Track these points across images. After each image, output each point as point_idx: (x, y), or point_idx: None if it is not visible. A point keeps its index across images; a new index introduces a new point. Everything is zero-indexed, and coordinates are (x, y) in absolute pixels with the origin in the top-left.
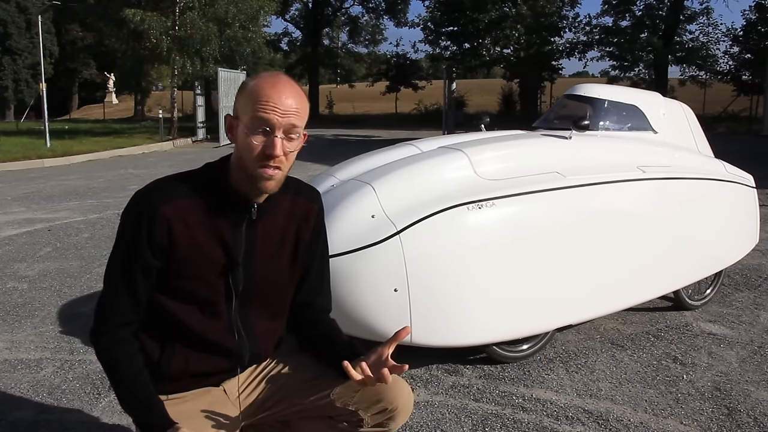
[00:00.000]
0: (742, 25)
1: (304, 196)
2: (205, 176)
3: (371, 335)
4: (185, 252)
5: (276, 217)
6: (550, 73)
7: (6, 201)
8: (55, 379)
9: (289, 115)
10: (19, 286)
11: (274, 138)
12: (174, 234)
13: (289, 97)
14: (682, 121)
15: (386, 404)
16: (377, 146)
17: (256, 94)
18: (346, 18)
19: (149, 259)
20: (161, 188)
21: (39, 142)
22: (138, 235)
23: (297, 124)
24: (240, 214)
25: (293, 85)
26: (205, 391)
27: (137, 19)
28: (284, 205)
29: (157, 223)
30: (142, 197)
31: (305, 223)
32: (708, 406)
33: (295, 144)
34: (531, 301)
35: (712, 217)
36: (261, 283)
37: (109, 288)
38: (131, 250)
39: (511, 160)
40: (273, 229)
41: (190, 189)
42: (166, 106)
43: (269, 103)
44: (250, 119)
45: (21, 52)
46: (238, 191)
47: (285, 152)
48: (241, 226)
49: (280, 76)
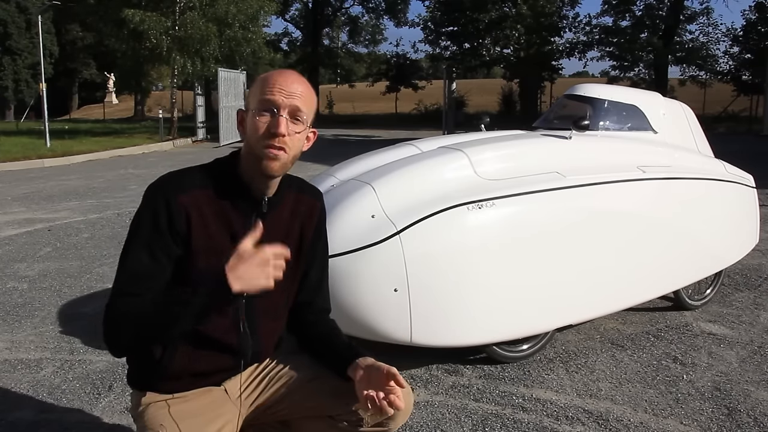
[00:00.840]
0: (742, 25)
1: (307, 194)
2: (217, 170)
3: (371, 335)
4: (200, 243)
5: (282, 212)
6: (550, 73)
7: (6, 201)
8: (55, 379)
9: (294, 97)
10: (19, 286)
11: (279, 117)
12: (192, 223)
13: (295, 82)
14: (682, 121)
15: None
16: (377, 146)
17: (264, 81)
18: (346, 18)
19: (171, 246)
20: (176, 179)
21: (39, 142)
22: (158, 224)
23: (302, 108)
24: (251, 207)
25: (300, 76)
26: (206, 391)
27: (137, 19)
28: (289, 201)
29: (175, 211)
30: (157, 188)
31: (309, 221)
32: (708, 406)
33: (300, 127)
34: (531, 301)
35: (712, 217)
36: None
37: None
38: (151, 238)
39: (511, 160)
40: (279, 225)
41: (203, 181)
42: (166, 106)
43: (275, 86)
44: (257, 103)
45: (21, 52)
46: (249, 185)
47: (289, 133)
48: (251, 220)
49: (288, 69)
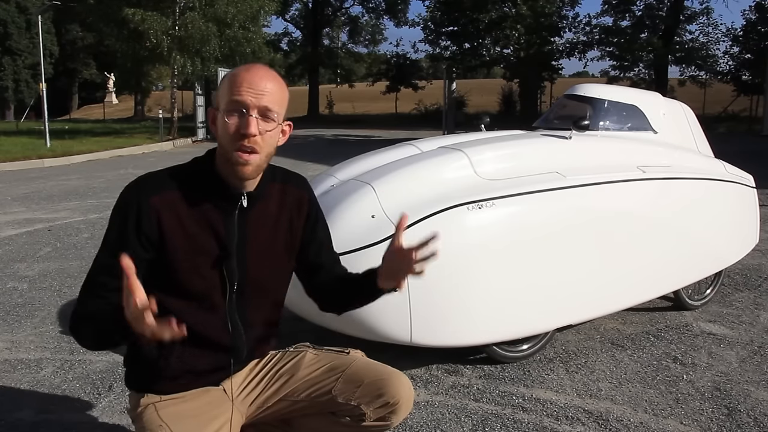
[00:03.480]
0: (742, 25)
1: (293, 184)
2: (194, 169)
3: (371, 335)
4: (178, 243)
5: (267, 205)
6: (550, 73)
7: (6, 201)
8: (55, 379)
9: (263, 95)
10: (19, 286)
11: (248, 117)
12: (163, 225)
13: (263, 79)
14: (682, 121)
15: (388, 398)
16: (377, 146)
17: (232, 80)
18: (346, 18)
19: (137, 249)
20: (150, 180)
21: (39, 142)
22: (125, 225)
23: (271, 106)
24: (230, 204)
25: (269, 71)
26: (204, 391)
27: (137, 18)
28: (275, 194)
29: (145, 214)
30: (131, 189)
31: (297, 212)
32: (708, 406)
33: (271, 125)
34: (531, 301)
35: (712, 217)
36: (256, 274)
37: (92, 281)
38: (117, 242)
39: (511, 160)
40: (265, 218)
41: (179, 181)
42: (166, 106)
43: (243, 86)
44: (226, 103)
45: (21, 52)
46: (226, 181)
47: (261, 132)
48: (233, 216)
49: (256, 64)
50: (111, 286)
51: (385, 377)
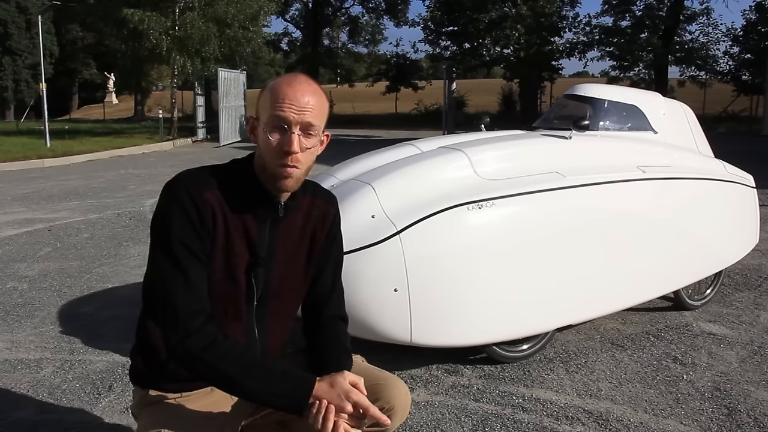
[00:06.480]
0: (742, 25)
1: (321, 199)
2: (235, 171)
3: (371, 335)
4: (221, 244)
5: (296, 217)
6: (550, 73)
7: (6, 201)
8: (55, 379)
9: (305, 112)
10: (19, 286)
11: (291, 135)
12: (217, 221)
13: (305, 94)
14: (682, 121)
15: (384, 403)
16: (377, 146)
17: (273, 93)
18: (346, 18)
19: (206, 242)
20: (198, 176)
21: (39, 142)
22: (188, 220)
23: (314, 122)
24: (267, 211)
25: (311, 83)
26: (208, 391)
27: (137, 18)
28: (304, 206)
29: (202, 208)
30: (181, 186)
31: (321, 226)
32: (708, 406)
33: (312, 141)
34: (531, 301)
35: (712, 218)
36: (279, 284)
37: (170, 285)
38: (185, 236)
39: (511, 160)
40: (293, 229)
41: (221, 181)
42: (166, 106)
43: (285, 102)
44: (268, 118)
45: (21, 52)
46: (265, 189)
47: (302, 149)
48: (266, 223)
49: (299, 75)
50: (203, 290)
51: (381, 382)
